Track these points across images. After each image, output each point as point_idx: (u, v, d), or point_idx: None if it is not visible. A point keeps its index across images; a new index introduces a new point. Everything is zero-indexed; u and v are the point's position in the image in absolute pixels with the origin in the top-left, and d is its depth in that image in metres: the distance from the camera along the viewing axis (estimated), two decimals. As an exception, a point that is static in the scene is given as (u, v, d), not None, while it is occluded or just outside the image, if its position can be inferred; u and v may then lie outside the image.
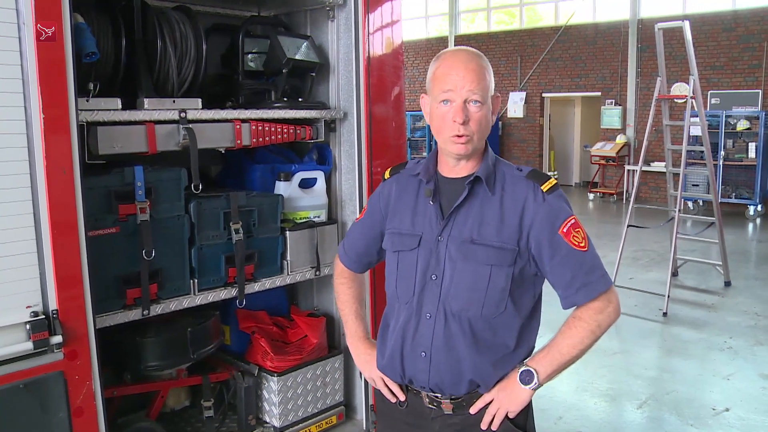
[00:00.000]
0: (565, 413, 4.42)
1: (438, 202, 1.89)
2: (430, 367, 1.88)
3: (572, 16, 15.81)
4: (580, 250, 1.82)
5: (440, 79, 1.82)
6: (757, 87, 13.07)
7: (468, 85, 1.78)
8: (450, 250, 1.85)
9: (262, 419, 3.15)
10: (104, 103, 2.39)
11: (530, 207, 1.82)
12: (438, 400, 1.92)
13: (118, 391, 2.79)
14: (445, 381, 1.88)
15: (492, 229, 1.82)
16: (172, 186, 2.65)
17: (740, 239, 10.61)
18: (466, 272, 1.83)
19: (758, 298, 7.18)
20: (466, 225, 1.84)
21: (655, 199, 14.19)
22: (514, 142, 17.18)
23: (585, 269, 1.82)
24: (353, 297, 2.20)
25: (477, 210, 1.85)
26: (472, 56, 1.83)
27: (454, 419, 1.93)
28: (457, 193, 1.87)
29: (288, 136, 3.00)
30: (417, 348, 1.89)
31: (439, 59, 1.87)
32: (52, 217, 2.08)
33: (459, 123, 1.78)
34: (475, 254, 1.82)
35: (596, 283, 1.83)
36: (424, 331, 1.88)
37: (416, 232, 1.92)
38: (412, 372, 1.92)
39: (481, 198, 1.86)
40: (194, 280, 2.73)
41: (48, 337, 2.09)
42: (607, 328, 1.86)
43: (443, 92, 1.80)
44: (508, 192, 1.85)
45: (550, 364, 1.85)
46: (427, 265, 1.88)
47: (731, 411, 4.46)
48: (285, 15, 3.43)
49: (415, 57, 18.77)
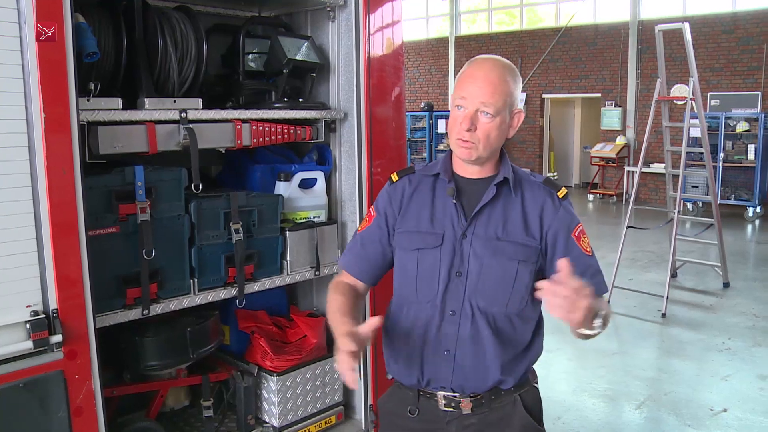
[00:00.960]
0: (564, 413, 4.43)
1: (460, 201, 1.92)
2: (453, 366, 1.89)
3: (573, 18, 15.82)
4: (588, 254, 1.93)
5: (461, 84, 1.87)
6: (756, 89, 13.09)
7: (482, 96, 1.81)
8: (475, 247, 1.87)
9: (261, 419, 3.15)
10: (105, 102, 2.39)
11: (549, 210, 1.91)
12: (456, 399, 1.93)
13: (118, 390, 2.79)
14: (470, 378, 1.90)
15: (517, 227, 1.89)
16: (173, 186, 2.65)
17: (739, 241, 10.62)
18: (494, 268, 1.87)
19: (757, 299, 7.19)
20: (491, 223, 1.89)
21: (654, 201, 14.21)
22: (513, 143, 17.17)
23: (591, 272, 1.91)
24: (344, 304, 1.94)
25: (500, 209, 1.90)
26: (495, 68, 1.85)
27: (472, 419, 1.93)
28: (478, 193, 1.91)
29: (288, 137, 3.01)
30: (440, 347, 1.90)
31: (468, 64, 1.91)
32: (52, 216, 2.08)
33: (464, 129, 1.82)
34: (503, 250, 1.87)
35: (599, 287, 1.91)
36: (447, 329, 1.89)
37: (437, 230, 1.92)
38: (432, 373, 1.92)
39: (503, 198, 1.91)
40: (194, 279, 2.73)
41: (48, 336, 2.09)
42: None
43: (459, 98, 1.85)
44: (527, 195, 1.93)
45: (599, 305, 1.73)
46: (450, 263, 1.89)
47: (729, 411, 4.47)
48: (286, 15, 3.43)
49: (416, 58, 18.78)
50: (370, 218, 2.06)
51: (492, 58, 1.90)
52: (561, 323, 1.88)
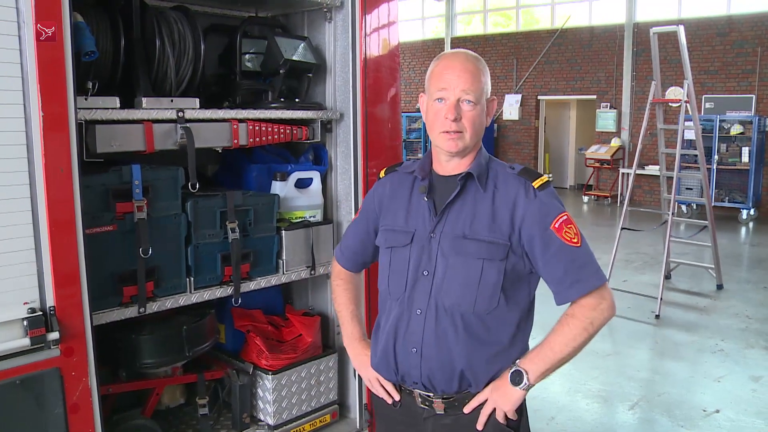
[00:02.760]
0: (558, 414, 4.45)
1: (432, 199, 1.92)
2: (421, 363, 1.90)
3: (568, 20, 15.86)
4: (572, 245, 1.83)
5: (437, 77, 1.87)
6: (750, 92, 13.15)
7: (462, 84, 1.82)
8: (442, 246, 1.87)
9: (256, 417, 3.16)
10: (102, 101, 2.40)
11: (521, 203, 1.84)
12: (430, 399, 1.93)
13: (114, 388, 2.80)
14: (437, 377, 1.89)
15: (483, 225, 1.85)
16: (170, 185, 2.66)
17: (733, 243, 10.67)
18: (458, 267, 1.85)
19: (750, 301, 7.23)
20: (459, 221, 1.87)
21: (649, 203, 14.24)
22: (509, 144, 17.22)
23: (577, 264, 1.84)
24: (350, 299, 2.22)
25: (469, 206, 1.88)
26: (469, 58, 1.88)
27: (446, 420, 1.94)
28: (450, 190, 1.90)
29: (284, 137, 3.02)
30: (408, 344, 1.91)
31: (438, 59, 1.92)
32: (50, 214, 2.10)
33: (450, 119, 1.82)
34: (466, 249, 1.85)
35: (589, 279, 1.84)
36: (414, 327, 1.90)
37: (409, 228, 1.94)
38: (405, 368, 1.94)
39: (473, 195, 1.88)
40: (190, 278, 2.74)
41: (45, 333, 2.10)
42: (600, 325, 1.85)
43: (438, 90, 1.85)
44: (500, 189, 1.88)
45: (542, 363, 1.85)
46: (419, 261, 1.90)
47: (721, 413, 4.49)
48: (282, 16, 3.44)
49: (412, 58, 18.78)
50: (359, 212, 2.21)
51: (461, 51, 1.92)
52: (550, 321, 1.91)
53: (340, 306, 2.23)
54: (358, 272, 2.29)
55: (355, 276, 2.27)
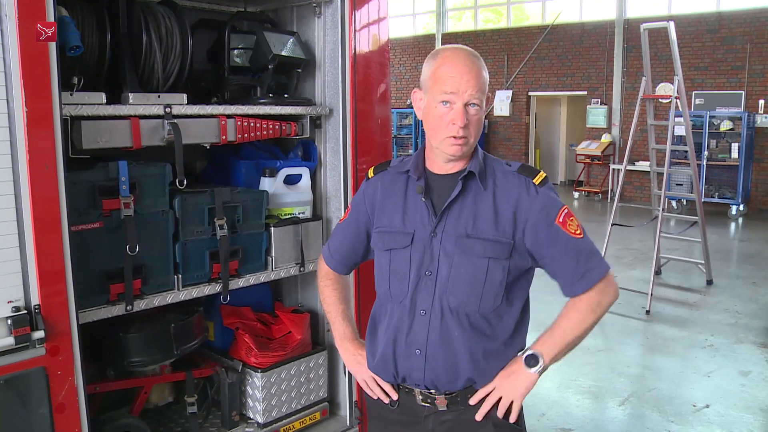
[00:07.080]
0: (548, 410, 4.46)
1: (429, 199, 1.89)
2: (425, 365, 1.88)
3: (559, 16, 15.88)
4: (577, 237, 1.85)
5: (442, 79, 1.80)
6: (740, 88, 13.21)
7: (470, 89, 1.78)
8: (445, 245, 1.85)
9: (245, 415, 3.14)
10: (88, 97, 2.37)
11: (524, 201, 1.84)
12: (432, 396, 1.92)
13: (101, 387, 2.77)
14: (441, 378, 1.88)
15: (487, 223, 1.84)
16: (157, 181, 2.63)
17: (722, 238, 10.72)
18: (464, 266, 1.84)
19: (739, 296, 7.27)
20: (461, 220, 1.85)
21: (639, 198, 14.29)
22: (500, 140, 17.24)
23: (585, 255, 1.86)
24: (339, 298, 2.19)
25: (470, 205, 1.86)
26: (472, 58, 1.82)
27: (448, 416, 1.93)
28: (448, 189, 1.87)
29: (273, 132, 3.00)
30: (411, 346, 1.89)
31: (439, 57, 1.83)
32: (34, 211, 2.06)
33: (459, 126, 1.78)
34: (472, 248, 1.83)
35: (597, 268, 1.87)
36: (418, 328, 1.88)
37: (408, 229, 1.91)
38: (406, 371, 1.92)
39: (473, 193, 1.86)
40: (178, 275, 2.72)
41: (30, 332, 2.07)
42: (608, 306, 1.89)
43: (445, 93, 1.79)
44: (500, 186, 1.87)
45: (555, 345, 1.87)
46: (421, 262, 1.88)
47: (711, 407, 4.51)
48: (271, 11, 3.41)
49: (402, 54, 18.77)
50: (347, 212, 2.15)
51: (463, 49, 1.85)
52: (545, 320, 1.90)
53: (330, 306, 2.19)
54: (348, 273, 2.25)
55: (343, 276, 2.24)
